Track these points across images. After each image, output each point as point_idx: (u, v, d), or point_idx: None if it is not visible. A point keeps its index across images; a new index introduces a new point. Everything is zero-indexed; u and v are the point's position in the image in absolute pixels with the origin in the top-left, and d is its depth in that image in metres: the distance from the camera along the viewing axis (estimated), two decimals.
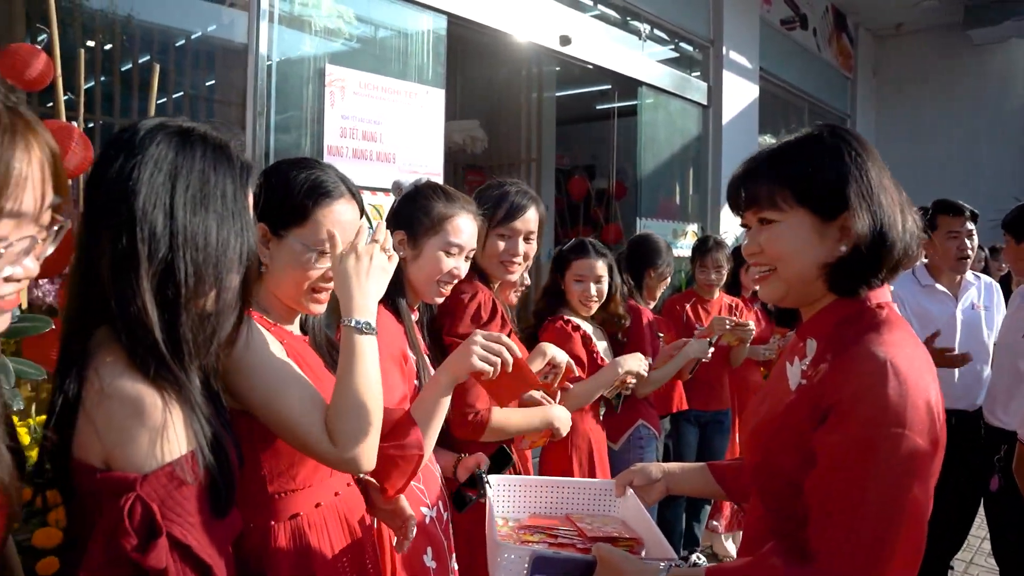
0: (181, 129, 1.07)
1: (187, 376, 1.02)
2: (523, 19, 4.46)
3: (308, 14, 3.52)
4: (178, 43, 5.00)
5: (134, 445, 0.95)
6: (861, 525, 1.01)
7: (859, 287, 1.17)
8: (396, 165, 3.62)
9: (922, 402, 1.04)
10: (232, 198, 1.07)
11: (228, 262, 1.05)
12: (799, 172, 1.17)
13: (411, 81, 3.78)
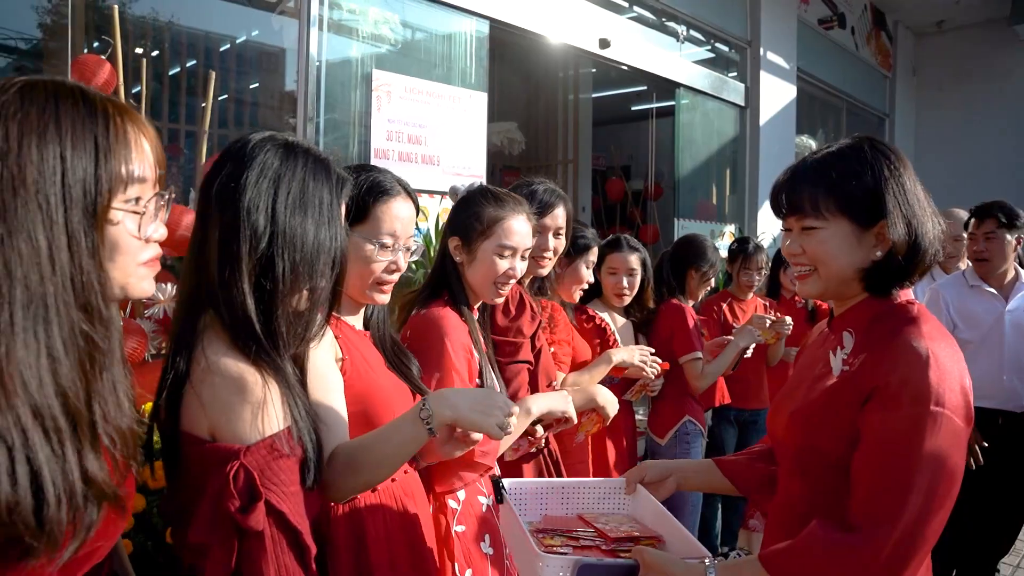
0: (287, 142, 1.18)
1: (281, 360, 1.12)
2: (563, 23, 4.54)
3: (355, 21, 3.63)
4: (230, 49, 5.17)
5: (238, 419, 1.05)
6: (913, 496, 1.10)
7: (892, 288, 1.29)
8: (440, 167, 3.72)
9: (958, 386, 1.16)
10: (328, 205, 1.17)
11: (321, 264, 1.15)
12: (841, 184, 1.26)
13: (455, 85, 3.88)
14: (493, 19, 4.08)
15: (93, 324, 0.91)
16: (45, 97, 0.89)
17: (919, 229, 1.25)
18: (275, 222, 1.12)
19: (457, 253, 1.88)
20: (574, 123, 7.15)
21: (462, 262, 1.89)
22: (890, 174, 1.25)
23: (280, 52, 5.16)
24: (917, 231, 1.25)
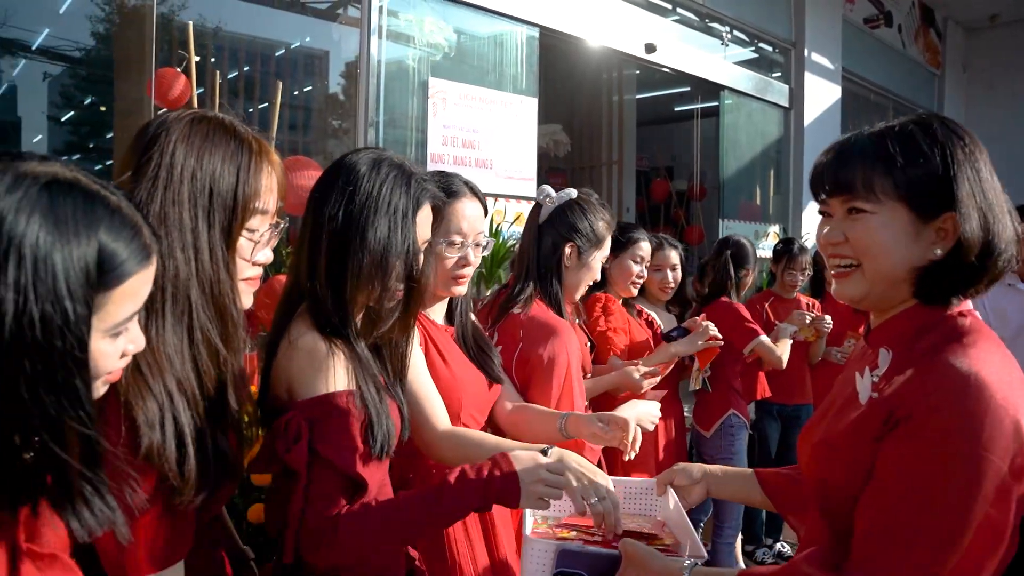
0: (376, 157, 1.35)
1: (355, 341, 1.31)
2: (610, 29, 4.69)
3: (412, 30, 3.83)
4: (293, 58, 5.43)
5: (305, 380, 1.25)
6: (914, 548, 0.93)
7: (950, 297, 1.07)
8: (493, 171, 3.90)
9: (1009, 422, 0.93)
10: (402, 212, 1.33)
11: (391, 264, 1.31)
12: (904, 161, 1.04)
13: (506, 91, 4.06)
14: (543, 26, 4.25)
15: (225, 325, 1.11)
16: (208, 129, 1.09)
17: (995, 226, 1.04)
18: (350, 226, 1.29)
19: (571, 259, 2.08)
20: (619, 124, 7.28)
21: (568, 266, 2.07)
22: (965, 158, 1.04)
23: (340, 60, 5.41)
24: (993, 228, 1.04)
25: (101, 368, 0.81)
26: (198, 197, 1.08)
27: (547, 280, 2.07)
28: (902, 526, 0.94)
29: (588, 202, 2.14)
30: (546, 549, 1.27)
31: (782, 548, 3.90)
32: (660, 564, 1.18)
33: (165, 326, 1.04)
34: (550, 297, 2.06)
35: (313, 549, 1.19)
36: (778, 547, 3.89)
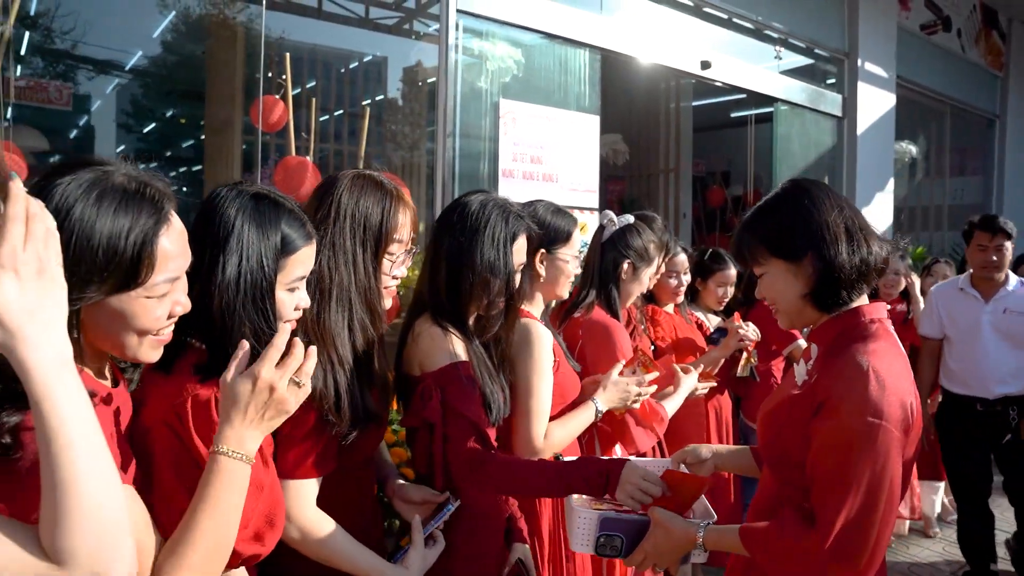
0: (484, 199, 1.77)
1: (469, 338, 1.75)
2: (667, 49, 5.07)
3: (485, 55, 4.28)
4: (373, 74, 5.96)
5: (431, 357, 1.68)
6: (851, 494, 1.30)
7: (837, 304, 1.46)
8: (558, 184, 4.33)
9: (896, 400, 1.31)
10: (503, 242, 1.75)
11: (493, 286, 1.74)
12: (765, 231, 1.48)
13: (570, 110, 4.48)
14: (604, 49, 4.67)
15: (373, 317, 1.56)
16: (364, 182, 1.56)
17: (829, 254, 1.40)
18: (462, 253, 1.72)
19: (627, 273, 2.51)
20: (675, 132, 7.63)
21: (625, 280, 2.51)
22: (802, 212, 1.43)
23: (419, 82, 5.92)
24: (827, 256, 1.40)
25: (282, 311, 1.31)
26: (356, 229, 1.54)
27: (607, 289, 2.50)
28: (836, 483, 1.31)
29: (643, 226, 2.57)
30: (591, 517, 1.58)
31: None
32: (681, 525, 1.51)
33: (331, 315, 1.50)
34: (609, 304, 2.48)
35: (464, 477, 1.63)
36: None
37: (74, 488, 0.82)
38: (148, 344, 1.10)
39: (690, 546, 1.49)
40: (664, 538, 1.51)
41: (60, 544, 0.81)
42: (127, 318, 1.05)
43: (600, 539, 1.57)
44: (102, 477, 0.85)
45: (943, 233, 8.62)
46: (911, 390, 1.35)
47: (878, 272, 1.46)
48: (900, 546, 4.33)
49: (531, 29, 4.35)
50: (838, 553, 1.30)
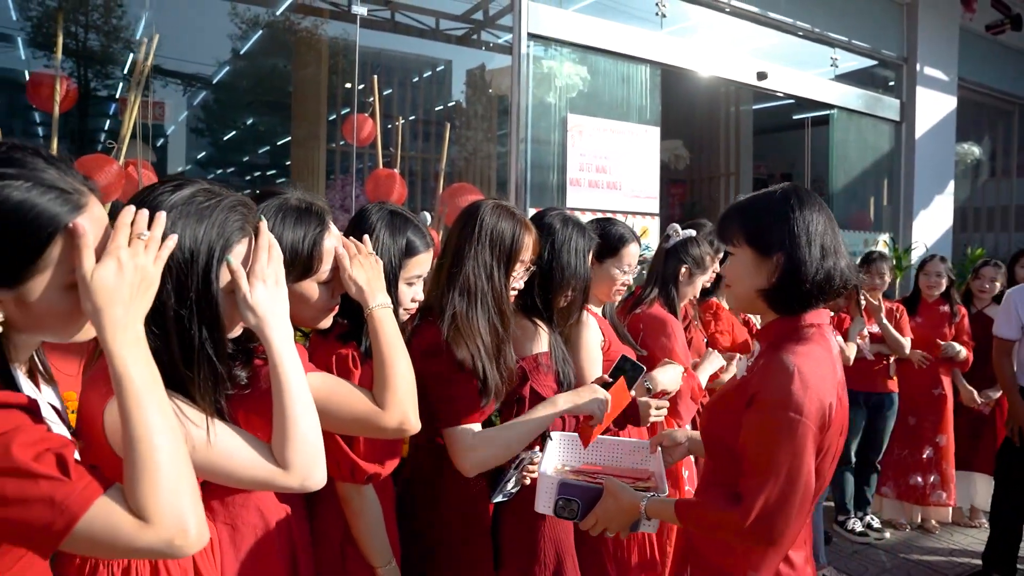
0: (565, 216, 2.30)
1: (553, 329, 2.26)
2: (724, 62, 5.52)
3: (553, 73, 4.79)
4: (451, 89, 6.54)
5: (522, 346, 2.19)
6: (771, 481, 1.45)
7: (791, 309, 1.57)
8: (621, 191, 4.83)
9: (816, 399, 1.45)
10: (583, 251, 2.27)
11: (577, 283, 2.25)
12: (748, 219, 1.60)
13: (632, 122, 4.98)
14: (664, 64, 5.15)
15: (502, 317, 2.08)
16: (501, 210, 2.06)
17: (801, 261, 1.52)
18: (552, 260, 2.24)
19: (684, 276, 3.04)
20: (735, 135, 8.01)
21: (682, 282, 3.03)
22: (788, 214, 1.54)
23: (493, 99, 6.48)
24: (798, 263, 1.52)
25: (402, 299, 1.81)
26: (494, 248, 2.07)
27: (667, 289, 3.01)
28: (759, 468, 1.47)
29: (702, 239, 3.07)
30: (552, 481, 1.78)
31: (871, 520, 4.63)
32: (628, 495, 1.71)
33: (476, 314, 1.98)
34: (668, 301, 2.98)
35: None
36: (867, 519, 4.62)
37: (293, 421, 1.25)
38: (322, 314, 1.65)
39: (636, 513, 1.69)
40: (613, 505, 1.71)
41: (286, 456, 1.23)
42: (305, 299, 1.58)
43: (559, 502, 1.76)
44: (310, 414, 1.28)
45: (1009, 234, 8.77)
46: (831, 391, 1.50)
47: (836, 293, 1.57)
48: (944, 533, 4.69)
49: (596, 48, 4.85)
50: (757, 531, 1.46)
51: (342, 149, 6.88)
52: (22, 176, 1.00)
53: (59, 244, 1.02)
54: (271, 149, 10.57)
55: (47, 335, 1.11)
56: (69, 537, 0.93)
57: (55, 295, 1.04)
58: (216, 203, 1.25)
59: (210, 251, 1.22)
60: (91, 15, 7.85)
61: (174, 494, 1.00)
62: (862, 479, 4.64)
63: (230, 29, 7.88)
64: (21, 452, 0.93)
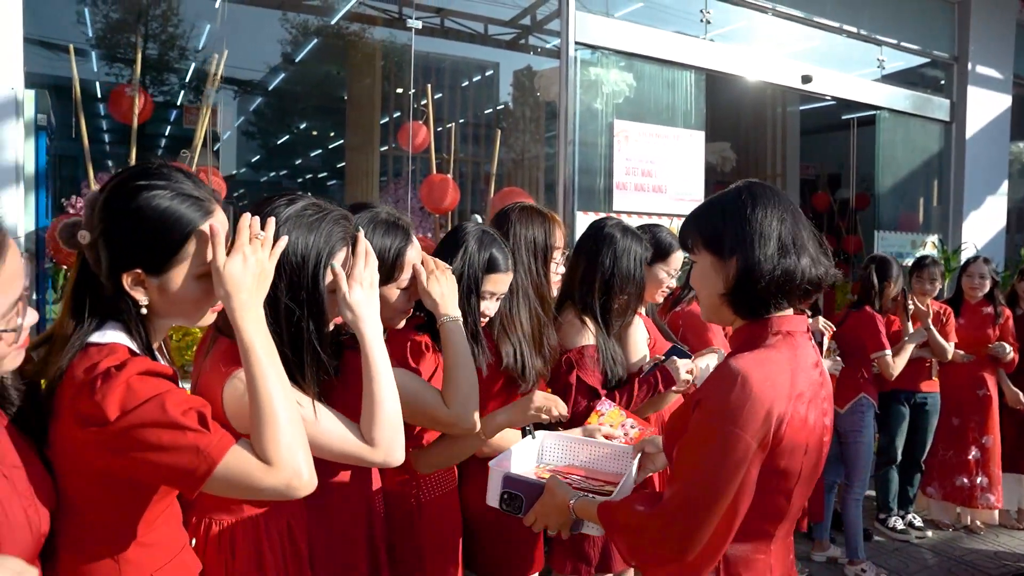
0: (624, 226, 2.53)
1: (608, 330, 2.49)
2: (768, 66, 5.65)
3: (600, 80, 4.99)
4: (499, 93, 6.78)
5: (568, 339, 2.43)
6: (691, 489, 1.37)
7: (750, 312, 1.49)
8: (667, 195, 5.01)
9: (762, 410, 1.34)
10: (640, 258, 2.51)
11: (632, 285, 2.49)
12: (703, 224, 1.53)
13: (677, 127, 5.15)
14: (708, 70, 5.31)
15: (544, 307, 2.32)
16: (531, 212, 2.31)
17: (753, 262, 1.43)
18: (612, 266, 2.48)
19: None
20: (782, 136, 8.10)
21: None
22: (740, 213, 1.46)
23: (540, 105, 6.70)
24: (750, 263, 1.43)
25: (483, 310, 2.06)
26: (530, 247, 2.31)
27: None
28: (685, 473, 1.40)
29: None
30: (497, 474, 1.78)
31: (913, 519, 4.74)
32: (562, 492, 1.69)
33: (518, 309, 2.24)
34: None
35: None
36: (909, 517, 4.74)
37: (380, 405, 1.47)
38: (399, 319, 1.90)
39: (566, 511, 1.67)
40: (550, 501, 1.70)
41: (373, 435, 1.46)
42: (387, 300, 1.83)
43: (504, 495, 1.75)
44: (394, 400, 1.51)
45: None
46: (785, 402, 1.38)
47: (803, 291, 1.48)
48: (989, 534, 4.78)
49: (641, 55, 5.04)
50: (667, 537, 1.38)
51: (394, 153, 7.17)
52: (168, 187, 1.28)
53: (193, 242, 1.29)
54: (323, 153, 10.95)
55: (178, 319, 1.37)
56: (210, 479, 1.17)
57: (189, 283, 1.31)
58: (323, 216, 1.51)
59: (318, 256, 1.48)
60: (151, 25, 8.29)
61: (290, 445, 1.24)
62: (906, 478, 4.76)
63: (287, 37, 8.24)
64: (173, 409, 1.17)
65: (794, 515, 1.50)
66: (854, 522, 4.18)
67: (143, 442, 1.16)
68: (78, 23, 7.47)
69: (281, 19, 7.82)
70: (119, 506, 1.29)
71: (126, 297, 1.29)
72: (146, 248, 1.27)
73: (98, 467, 1.21)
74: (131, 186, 1.27)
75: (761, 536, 1.45)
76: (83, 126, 3.74)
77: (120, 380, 1.18)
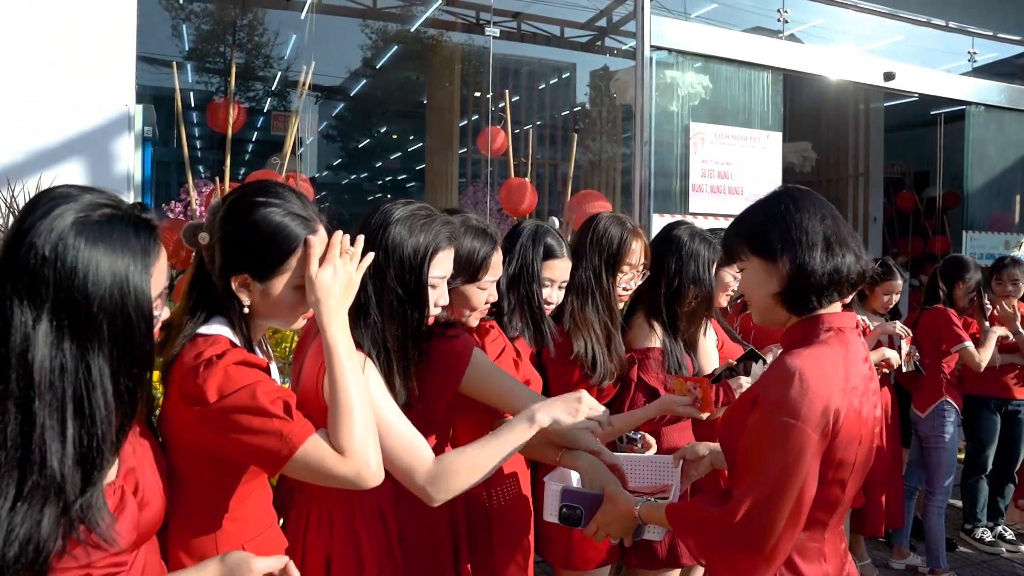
0: (692, 231, 2.61)
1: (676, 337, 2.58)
2: (848, 64, 5.60)
3: (676, 83, 5.05)
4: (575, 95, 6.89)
5: (636, 339, 2.52)
6: (760, 485, 1.43)
7: (805, 308, 1.56)
8: (743, 196, 5.03)
9: (819, 404, 1.42)
10: (709, 262, 2.57)
11: (698, 289, 2.56)
12: (748, 230, 1.60)
13: (754, 128, 5.16)
14: (786, 70, 5.30)
15: (611, 313, 2.41)
16: (611, 219, 2.43)
17: (802, 259, 1.51)
18: (680, 269, 2.55)
19: None
20: (864, 134, 7.94)
21: None
22: (784, 217, 1.54)
23: (617, 108, 6.78)
24: (801, 261, 1.51)
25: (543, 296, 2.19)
26: (600, 251, 2.42)
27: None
28: (750, 469, 1.46)
29: None
30: (555, 489, 1.79)
31: (1003, 531, 4.63)
32: (624, 499, 1.73)
33: (588, 310, 2.36)
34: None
35: None
36: (999, 530, 4.63)
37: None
38: (475, 315, 2.03)
39: (633, 518, 1.71)
40: (612, 511, 1.74)
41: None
42: (468, 298, 1.96)
43: (563, 509, 1.77)
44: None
45: None
46: (841, 396, 1.46)
47: (852, 284, 1.58)
48: None
49: (718, 58, 5.07)
50: (741, 536, 1.44)
51: (472, 156, 7.37)
52: (280, 206, 1.44)
53: (298, 254, 1.44)
54: (403, 157, 11.26)
55: (274, 322, 1.54)
56: (290, 463, 1.32)
57: (287, 292, 1.46)
58: (432, 218, 1.69)
59: (425, 251, 1.65)
60: (238, 35, 8.69)
61: (363, 439, 1.37)
62: (996, 489, 4.65)
63: (368, 44, 8.54)
64: (262, 397, 1.32)
65: (846, 504, 1.58)
66: (936, 531, 4.12)
67: (235, 424, 1.30)
68: (172, 36, 7.89)
69: (362, 27, 8.12)
70: (217, 480, 1.43)
71: (233, 297, 1.44)
72: (256, 257, 1.42)
73: (200, 442, 1.36)
74: (250, 201, 1.43)
75: (815, 524, 1.52)
76: (183, 136, 4.01)
77: (219, 367, 1.33)
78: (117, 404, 1.10)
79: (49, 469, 1.03)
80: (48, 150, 3.09)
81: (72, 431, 1.05)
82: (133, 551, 1.22)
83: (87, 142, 3.20)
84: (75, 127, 3.16)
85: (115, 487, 1.18)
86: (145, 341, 1.15)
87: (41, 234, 1.05)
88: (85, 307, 1.06)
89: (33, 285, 1.05)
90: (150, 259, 1.14)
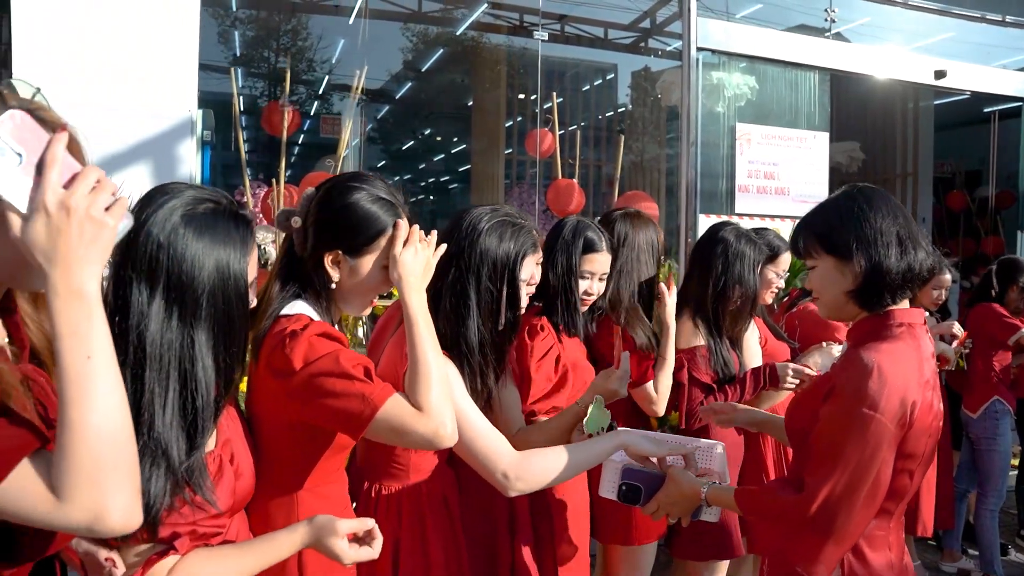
0: (739, 230, 2.66)
1: (719, 336, 2.63)
2: (897, 63, 5.55)
3: (722, 84, 5.07)
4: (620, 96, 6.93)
5: (683, 341, 2.58)
6: (838, 473, 1.50)
7: (879, 305, 1.61)
8: (790, 197, 5.04)
9: (896, 396, 1.48)
10: (754, 262, 2.63)
11: (744, 287, 2.61)
12: (822, 229, 1.64)
13: (801, 128, 5.16)
14: (833, 70, 5.29)
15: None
16: (640, 218, 2.50)
17: (876, 257, 1.56)
18: (726, 270, 2.61)
19: None
20: (913, 133, 7.83)
21: None
22: (854, 215, 1.59)
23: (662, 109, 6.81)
24: (875, 259, 1.56)
25: (581, 288, 2.27)
26: (649, 248, 2.50)
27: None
28: (827, 458, 1.52)
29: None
30: (616, 467, 1.83)
31: None
32: (690, 481, 1.76)
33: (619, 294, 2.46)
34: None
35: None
36: None
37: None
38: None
39: (696, 500, 1.75)
40: (676, 491, 1.77)
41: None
42: None
43: (622, 487, 1.81)
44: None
45: None
46: (916, 390, 1.53)
47: (922, 280, 1.62)
48: None
49: (764, 58, 5.08)
50: (817, 522, 1.52)
51: (518, 157, 7.46)
52: (373, 192, 1.58)
53: (387, 235, 1.57)
54: (447, 158, 11.39)
55: (352, 303, 1.64)
56: (372, 423, 1.40)
57: (375, 270, 1.58)
58: (521, 225, 1.88)
59: (517, 254, 1.84)
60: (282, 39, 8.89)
61: (440, 398, 1.46)
62: None
63: (413, 47, 8.67)
64: (345, 362, 1.41)
65: (911, 494, 1.64)
66: (989, 535, 4.08)
67: (320, 388, 1.39)
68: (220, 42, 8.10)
69: (403, 30, 8.26)
70: (301, 452, 1.52)
71: (322, 273, 1.56)
72: (351, 234, 1.55)
73: (286, 415, 1.46)
74: (347, 185, 1.57)
75: (883, 514, 1.58)
76: (241, 140, 4.15)
77: (304, 338, 1.42)
78: (216, 377, 1.20)
79: (156, 432, 1.13)
80: (120, 153, 3.24)
81: (176, 397, 1.16)
82: (230, 517, 1.32)
83: (154, 146, 3.35)
84: (144, 132, 3.31)
85: (214, 456, 1.29)
86: (242, 322, 1.25)
87: (156, 224, 1.17)
88: (192, 289, 1.17)
89: (150, 269, 1.16)
90: (247, 249, 1.25)
